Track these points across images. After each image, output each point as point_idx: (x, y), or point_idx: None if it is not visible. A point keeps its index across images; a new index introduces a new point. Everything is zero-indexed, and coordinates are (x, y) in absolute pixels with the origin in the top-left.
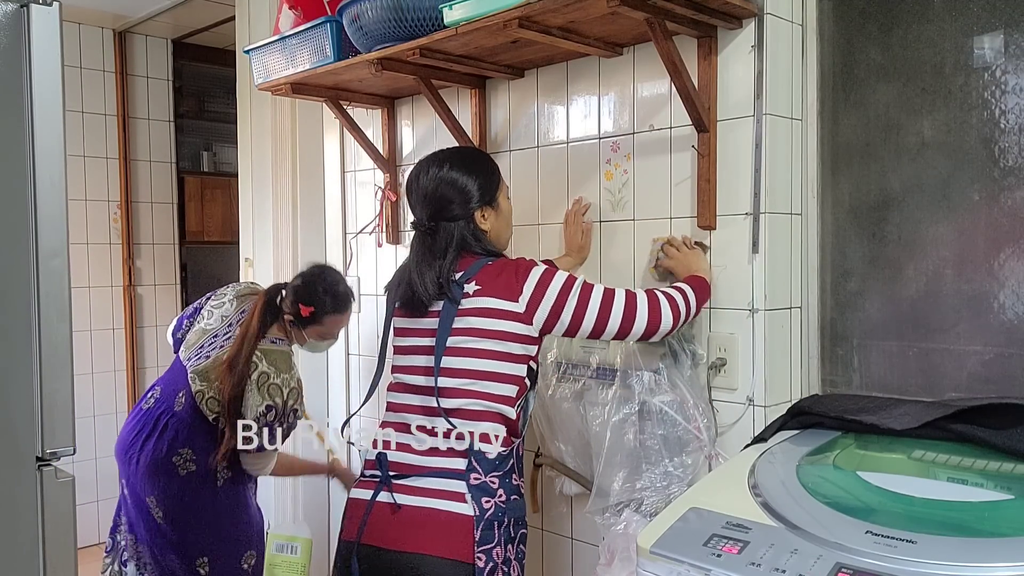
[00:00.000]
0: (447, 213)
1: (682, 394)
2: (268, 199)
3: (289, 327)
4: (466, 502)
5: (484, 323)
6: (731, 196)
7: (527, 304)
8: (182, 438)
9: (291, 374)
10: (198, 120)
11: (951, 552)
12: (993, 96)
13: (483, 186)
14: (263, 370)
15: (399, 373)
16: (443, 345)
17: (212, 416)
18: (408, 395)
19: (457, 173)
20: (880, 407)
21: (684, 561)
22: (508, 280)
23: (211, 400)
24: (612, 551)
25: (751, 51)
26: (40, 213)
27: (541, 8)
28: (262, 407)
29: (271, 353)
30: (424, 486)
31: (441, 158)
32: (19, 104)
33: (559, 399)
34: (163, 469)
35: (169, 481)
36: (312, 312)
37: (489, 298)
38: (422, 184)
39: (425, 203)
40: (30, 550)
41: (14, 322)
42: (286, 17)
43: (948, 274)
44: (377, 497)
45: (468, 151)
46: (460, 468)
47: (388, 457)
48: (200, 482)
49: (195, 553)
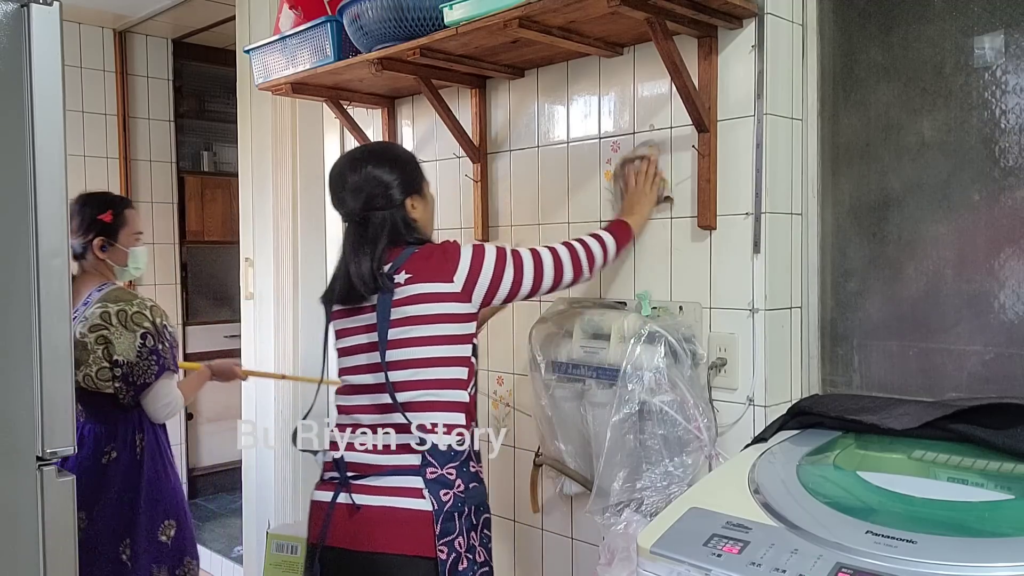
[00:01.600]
0: (378, 202)
1: (682, 394)
2: (268, 199)
3: (101, 254)
4: (424, 497)
5: (421, 309)
6: (731, 196)
7: (464, 282)
8: (102, 438)
9: (139, 299)
10: (198, 120)
11: (951, 552)
12: (993, 96)
13: (410, 176)
14: (117, 309)
15: (345, 375)
16: (385, 339)
17: (108, 387)
18: (357, 396)
19: (385, 165)
20: (880, 407)
21: (684, 561)
22: (438, 263)
23: (100, 372)
24: (612, 551)
25: (751, 51)
26: (40, 213)
27: (541, 8)
28: (138, 339)
29: (109, 293)
30: (381, 484)
31: (363, 153)
32: (19, 103)
33: (559, 399)
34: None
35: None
36: (112, 213)
37: (422, 284)
38: (347, 178)
39: (355, 195)
40: (30, 550)
41: (14, 322)
42: (286, 17)
43: (948, 274)
44: (337, 499)
45: (390, 145)
46: (415, 464)
47: (346, 458)
48: (127, 467)
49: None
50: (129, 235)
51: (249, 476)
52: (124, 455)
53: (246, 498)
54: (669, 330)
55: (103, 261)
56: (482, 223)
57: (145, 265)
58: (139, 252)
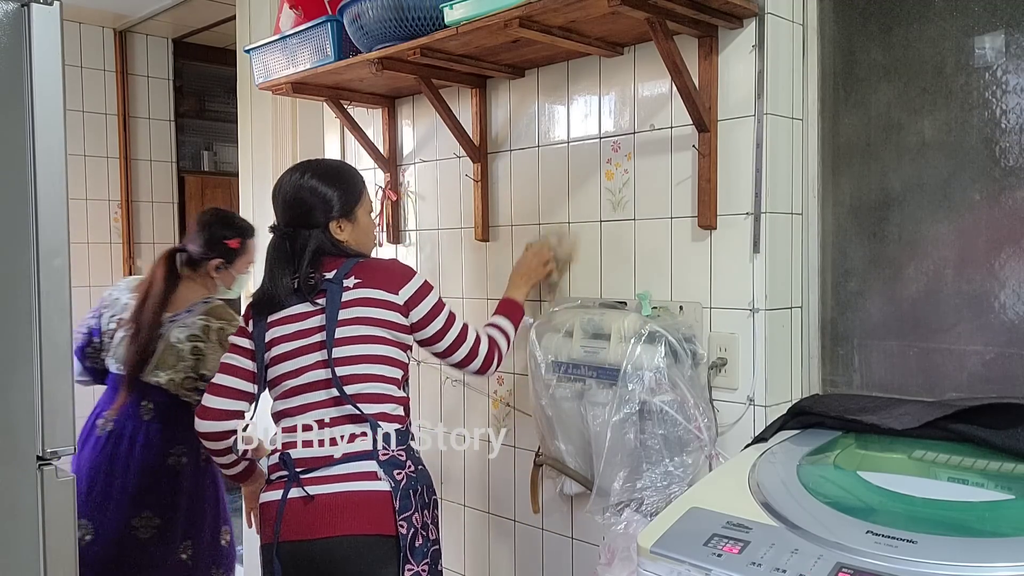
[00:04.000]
0: (305, 220)
1: (683, 394)
2: (268, 199)
3: (215, 274)
4: (380, 478)
5: (368, 312)
6: (732, 196)
7: (406, 301)
8: (168, 437)
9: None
10: (198, 119)
11: (951, 552)
12: (994, 96)
13: (342, 199)
14: (218, 326)
15: (286, 380)
16: (333, 335)
17: (189, 396)
18: (303, 395)
19: (318, 183)
20: (881, 407)
21: (685, 561)
22: (388, 275)
23: (185, 380)
24: (612, 551)
25: (752, 51)
26: (41, 212)
27: (542, 8)
28: None
29: (215, 309)
30: (334, 474)
31: (306, 167)
32: (20, 103)
33: (559, 399)
34: (159, 475)
35: (169, 484)
36: (240, 241)
37: (370, 288)
38: (284, 190)
39: (285, 208)
40: (30, 550)
41: (14, 322)
42: (287, 16)
43: (949, 274)
44: (288, 495)
45: (335, 163)
46: (367, 448)
47: (292, 455)
48: (194, 471)
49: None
50: (244, 263)
51: None
52: (191, 460)
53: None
54: (669, 330)
55: (214, 279)
56: (482, 223)
57: (245, 290)
58: (244, 279)
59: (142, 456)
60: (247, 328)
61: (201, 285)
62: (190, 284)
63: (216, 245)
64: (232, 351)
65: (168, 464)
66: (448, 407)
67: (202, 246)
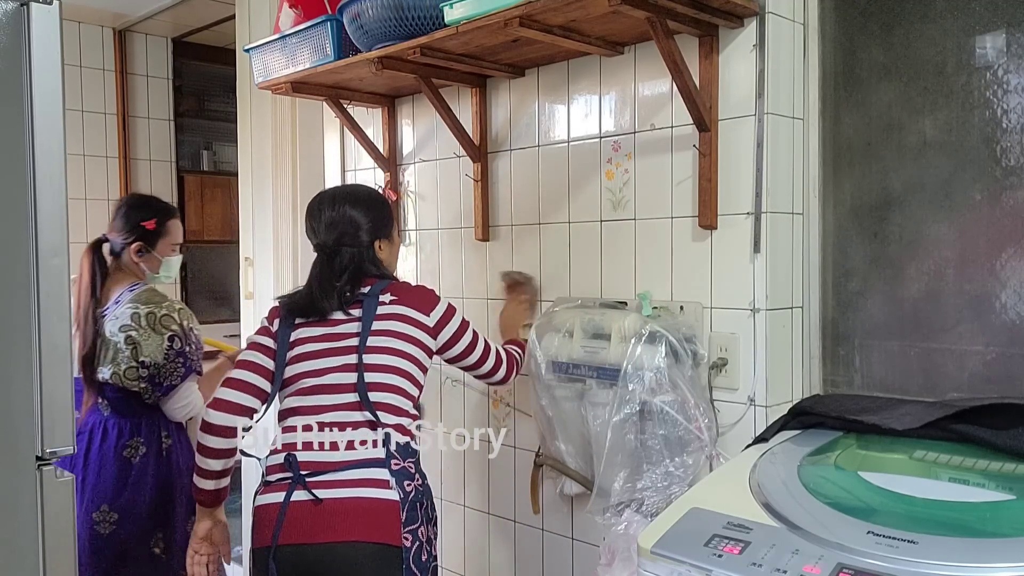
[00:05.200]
0: (348, 239)
1: (683, 394)
2: (268, 198)
3: (137, 258)
4: (391, 488)
5: (401, 327)
6: (732, 195)
7: (436, 322)
8: (125, 433)
9: (168, 301)
10: (198, 119)
11: (952, 552)
12: (995, 95)
13: (381, 220)
14: (147, 311)
15: (306, 378)
16: (365, 342)
17: (135, 385)
18: (321, 395)
19: (360, 207)
20: (881, 407)
21: (685, 561)
22: (421, 296)
23: (128, 371)
24: (613, 551)
25: (752, 50)
26: (40, 212)
27: (542, 7)
28: (166, 342)
29: (141, 295)
30: (345, 478)
31: (347, 192)
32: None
33: (560, 399)
34: (116, 469)
35: (125, 477)
36: (156, 221)
37: (405, 307)
38: (327, 212)
39: (330, 228)
40: (30, 550)
41: (14, 322)
42: (286, 16)
43: (950, 274)
44: (291, 497)
45: (369, 190)
46: (380, 456)
47: (298, 457)
48: (155, 460)
49: (149, 535)
50: (167, 245)
51: (249, 476)
52: (151, 451)
53: (246, 498)
54: (670, 330)
55: (137, 264)
56: (482, 223)
57: (176, 273)
58: (172, 262)
59: (99, 451)
60: (271, 328)
61: (129, 274)
62: (117, 275)
63: (134, 229)
64: (252, 347)
65: (123, 456)
66: (448, 407)
67: (120, 231)
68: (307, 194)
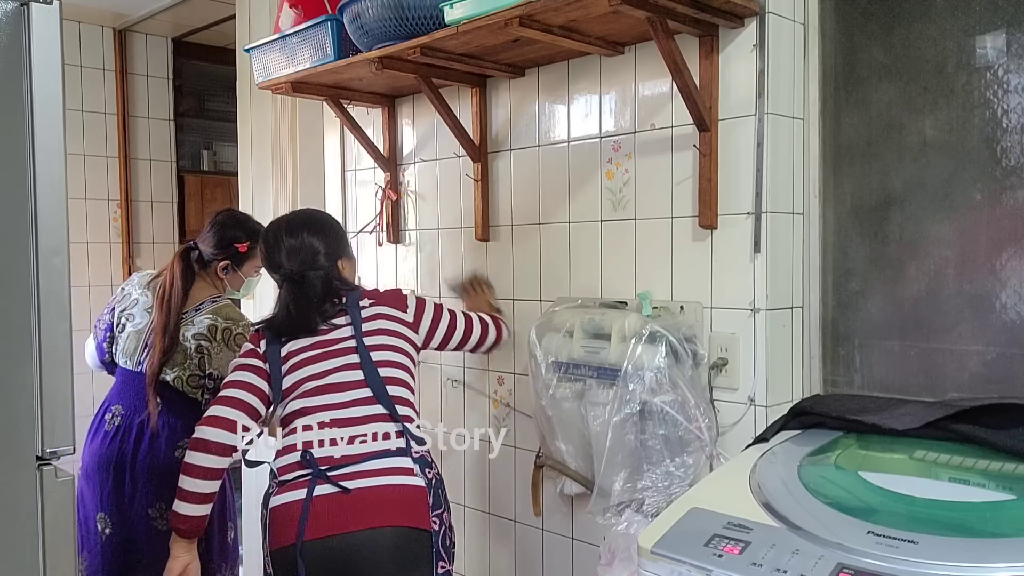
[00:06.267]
0: (314, 264)
1: (683, 394)
2: (268, 198)
3: (222, 275)
4: (416, 474)
5: (388, 325)
6: (732, 195)
7: (414, 315)
8: (178, 432)
9: (246, 320)
10: (198, 119)
11: (953, 552)
12: (995, 95)
13: (338, 242)
14: (224, 326)
15: (307, 382)
16: (363, 342)
17: (196, 393)
18: (325, 395)
19: (319, 232)
20: (882, 407)
21: (685, 561)
22: (395, 296)
23: (191, 378)
24: (613, 551)
25: (753, 50)
26: (40, 212)
27: (542, 7)
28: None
29: (222, 308)
30: (370, 468)
31: (302, 219)
32: (19, 103)
33: (560, 399)
34: (169, 467)
35: (177, 475)
36: (249, 245)
37: (385, 307)
38: (287, 241)
39: (292, 257)
40: (30, 550)
41: (14, 322)
42: (286, 16)
43: (950, 274)
44: (314, 492)
45: (322, 215)
46: (402, 446)
47: (315, 455)
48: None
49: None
50: (252, 267)
51: (249, 476)
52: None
53: (246, 498)
54: (670, 330)
55: (221, 280)
56: (482, 222)
57: (253, 294)
58: (253, 282)
59: (150, 448)
60: (258, 349)
61: (210, 284)
62: (204, 285)
63: (226, 247)
64: (241, 368)
65: (176, 456)
66: (448, 407)
67: (212, 246)
68: (307, 194)
